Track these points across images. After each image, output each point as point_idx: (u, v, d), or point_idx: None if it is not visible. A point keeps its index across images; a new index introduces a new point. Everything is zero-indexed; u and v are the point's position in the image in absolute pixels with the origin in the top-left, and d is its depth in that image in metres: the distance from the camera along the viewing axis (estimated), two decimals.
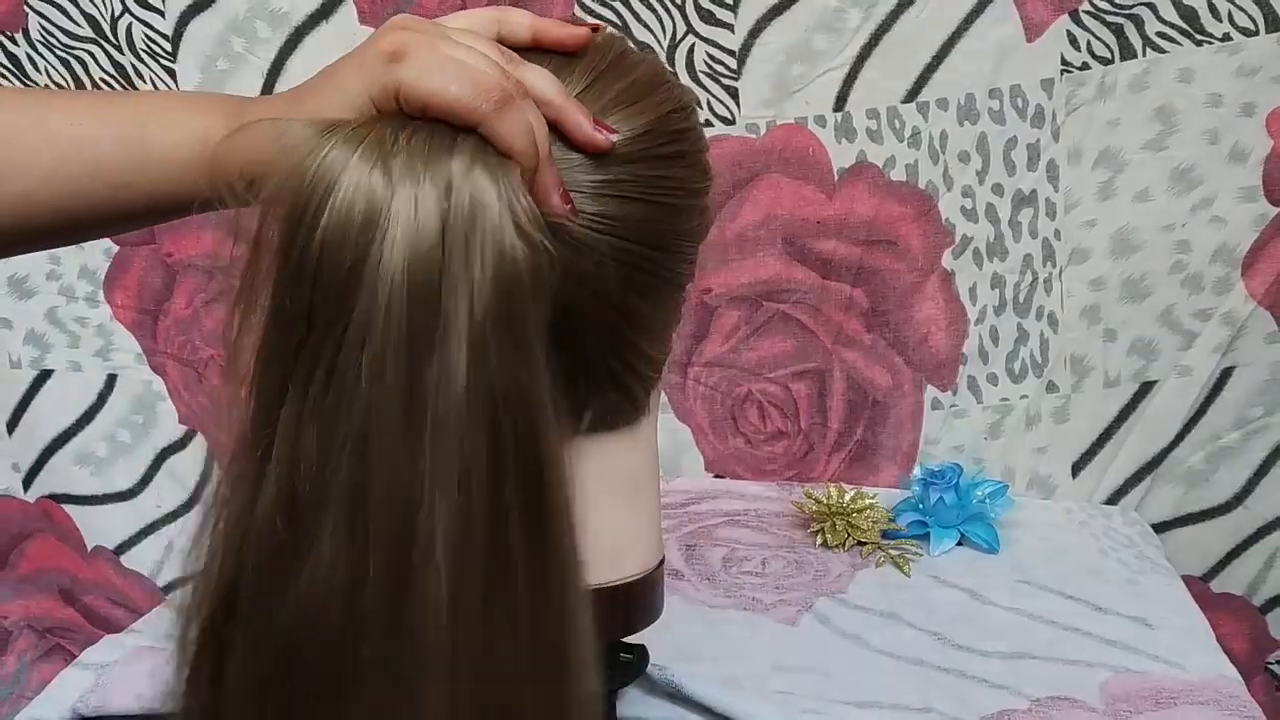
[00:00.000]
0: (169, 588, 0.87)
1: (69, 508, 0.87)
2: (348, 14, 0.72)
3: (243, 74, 0.75)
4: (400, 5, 0.72)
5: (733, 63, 0.71)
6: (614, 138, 0.32)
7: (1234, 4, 0.66)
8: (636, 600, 0.42)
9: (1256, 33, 0.66)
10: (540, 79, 0.31)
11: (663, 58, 0.72)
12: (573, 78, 0.33)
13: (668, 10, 0.70)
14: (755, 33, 0.70)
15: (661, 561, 0.43)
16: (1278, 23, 0.66)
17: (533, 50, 0.33)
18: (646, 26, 0.71)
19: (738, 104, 0.72)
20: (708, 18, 0.70)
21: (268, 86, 0.75)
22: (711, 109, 0.72)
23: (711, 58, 0.71)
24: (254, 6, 0.72)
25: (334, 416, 0.24)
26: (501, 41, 0.32)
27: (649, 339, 0.39)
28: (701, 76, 0.71)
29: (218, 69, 0.75)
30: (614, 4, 0.71)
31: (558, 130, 0.31)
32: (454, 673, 0.24)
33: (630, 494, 0.41)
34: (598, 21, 0.31)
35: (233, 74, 0.75)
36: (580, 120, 0.31)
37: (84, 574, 0.89)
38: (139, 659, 0.57)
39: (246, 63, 0.74)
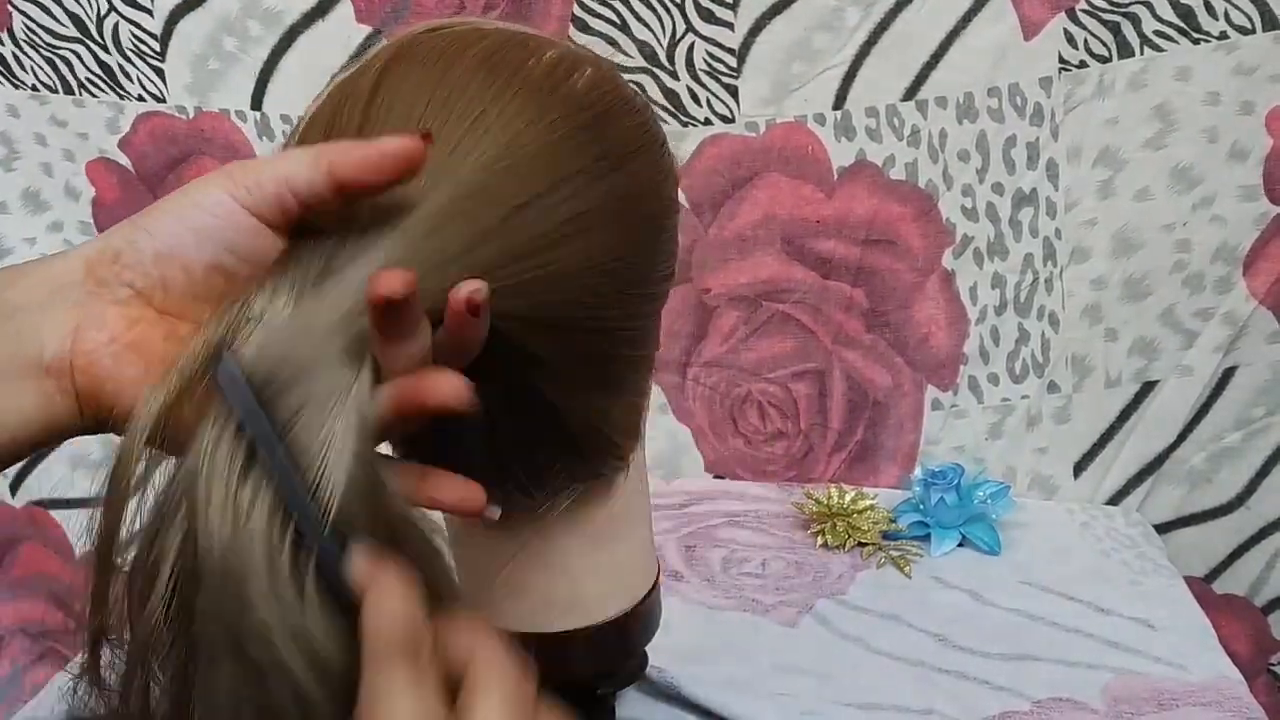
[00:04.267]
0: None
1: (62, 512, 0.86)
2: (344, 12, 0.72)
3: (235, 75, 0.74)
4: (398, 4, 0.72)
5: (733, 61, 0.71)
6: (416, 136, 0.26)
7: (1230, 3, 0.65)
8: (635, 626, 0.42)
9: (1253, 31, 0.66)
10: (295, 160, 0.26)
11: (662, 56, 0.71)
12: None
13: (668, 9, 0.70)
14: (755, 31, 0.70)
15: (656, 581, 0.42)
16: (1274, 21, 0.66)
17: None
18: (646, 25, 0.71)
19: (737, 102, 0.72)
20: (708, 16, 0.70)
21: (260, 87, 0.74)
22: (711, 108, 0.72)
23: (712, 56, 0.71)
24: (246, 4, 0.72)
25: None
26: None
27: (623, 420, 0.36)
28: (701, 75, 0.71)
29: (209, 69, 0.74)
30: (614, 3, 0.70)
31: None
32: None
33: (618, 532, 0.40)
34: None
35: (224, 74, 0.74)
36: (363, 155, 0.25)
37: (73, 580, 0.88)
38: None
39: (239, 63, 0.73)
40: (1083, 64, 0.69)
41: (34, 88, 0.76)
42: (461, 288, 0.26)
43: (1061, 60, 0.69)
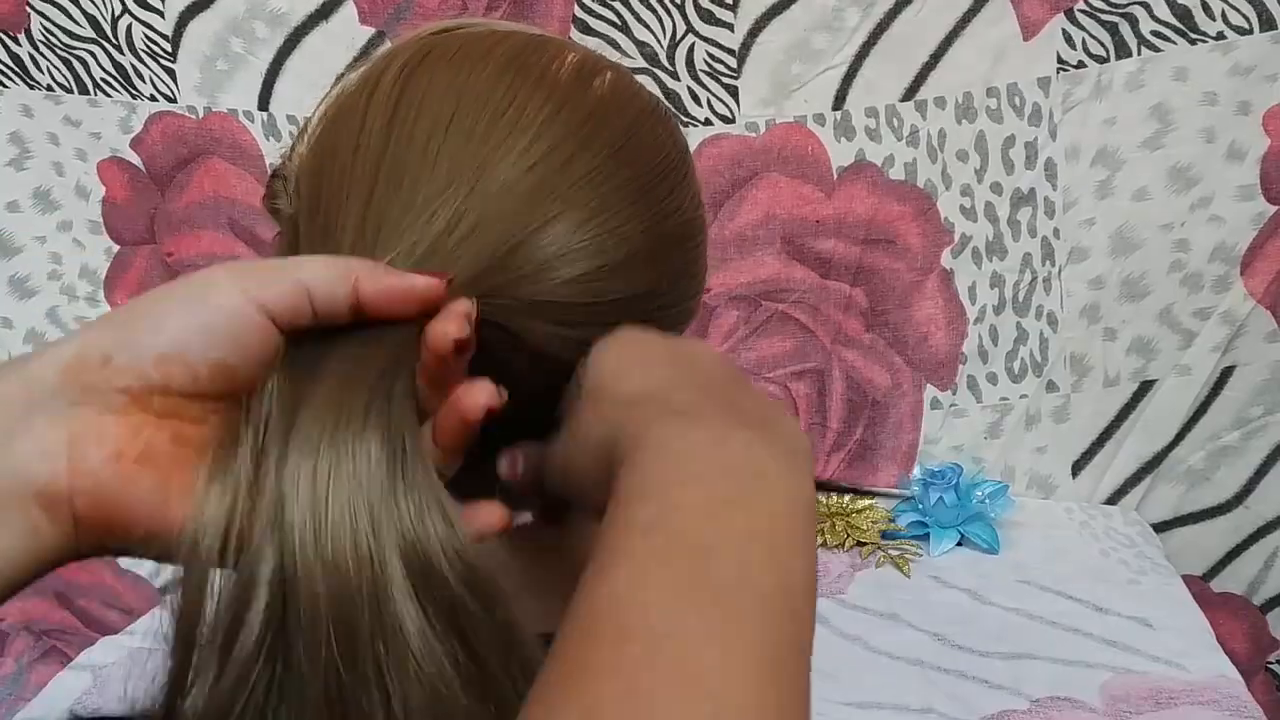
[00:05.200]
0: (166, 589, 0.86)
1: None
2: (348, 14, 0.72)
3: (242, 75, 0.75)
4: (401, 6, 0.72)
5: (733, 62, 0.71)
6: (443, 280, 0.25)
7: (1227, 3, 0.66)
8: None
9: (1250, 31, 0.66)
10: (320, 271, 0.24)
11: (663, 57, 0.72)
12: None
13: (668, 10, 0.70)
14: (755, 32, 0.70)
15: None
16: (1272, 21, 0.66)
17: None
18: (647, 26, 0.71)
19: (737, 103, 0.72)
20: (708, 17, 0.70)
21: (266, 87, 0.75)
22: (711, 108, 0.72)
23: (712, 57, 0.71)
24: (253, 6, 0.72)
25: None
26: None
27: None
28: (702, 75, 0.72)
29: (217, 69, 0.75)
30: (614, 4, 0.71)
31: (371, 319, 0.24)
32: None
33: None
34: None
35: (232, 74, 0.75)
36: (391, 285, 0.24)
37: (79, 577, 0.89)
38: (136, 660, 0.57)
39: (246, 63, 0.74)
40: (1081, 64, 0.69)
41: (49, 88, 0.77)
42: (444, 332, 0.24)
43: (1060, 60, 0.69)
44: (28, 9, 0.75)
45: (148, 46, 0.75)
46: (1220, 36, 0.66)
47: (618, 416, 0.24)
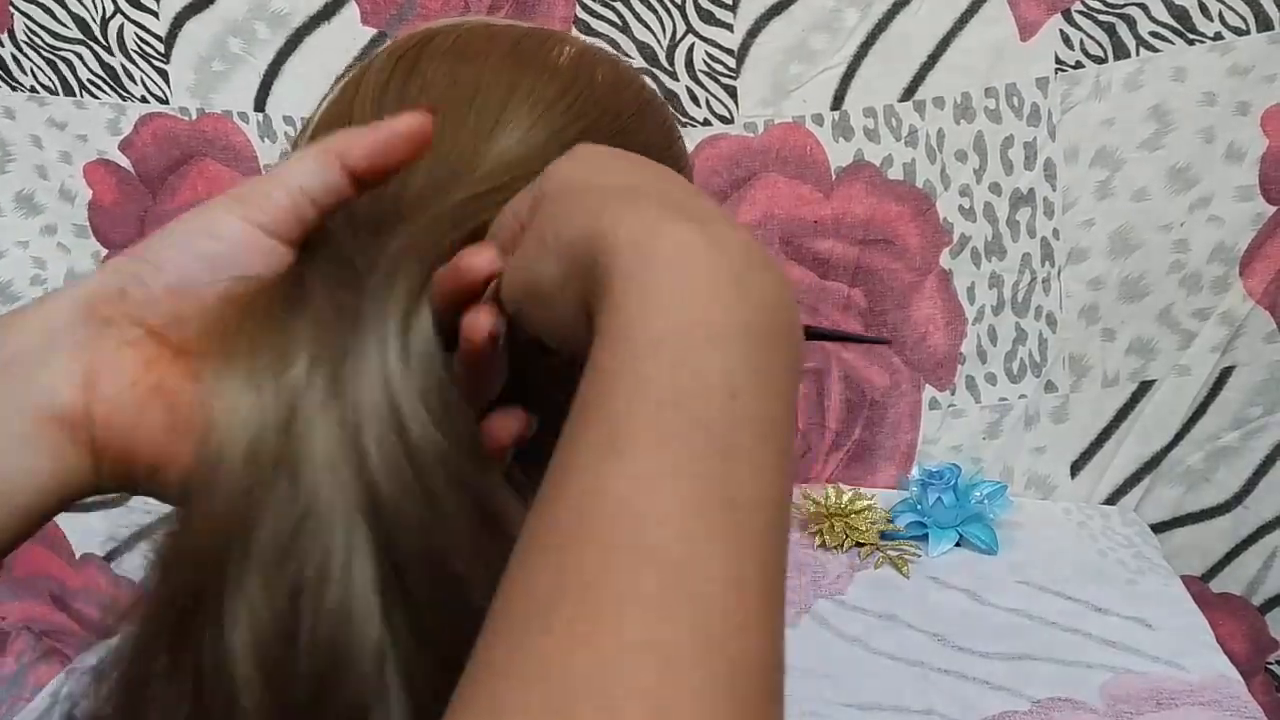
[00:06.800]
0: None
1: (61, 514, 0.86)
2: (350, 15, 0.72)
3: (239, 76, 0.74)
4: (404, 7, 0.72)
5: (732, 62, 0.71)
6: (425, 113, 0.25)
7: (1224, 3, 0.66)
8: None
9: (1248, 32, 0.66)
10: (309, 168, 0.24)
11: (662, 57, 0.72)
12: None
13: (668, 10, 0.70)
14: (754, 32, 0.70)
15: None
16: (1269, 21, 0.66)
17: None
18: (646, 26, 0.71)
19: (736, 103, 0.72)
20: (707, 17, 0.70)
21: (264, 89, 0.74)
22: (710, 108, 0.72)
23: (711, 57, 0.71)
24: (253, 7, 0.72)
25: None
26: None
27: None
28: (701, 76, 0.71)
29: (212, 70, 0.74)
30: (614, 4, 0.70)
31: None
32: None
33: None
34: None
35: (228, 75, 0.74)
36: (375, 141, 0.24)
37: (73, 581, 0.88)
38: None
39: (244, 64, 0.74)
40: (1079, 65, 0.69)
41: (33, 89, 0.76)
42: (480, 321, 0.23)
43: (1058, 61, 0.69)
44: (11, 9, 0.74)
45: (139, 47, 0.74)
46: (1218, 37, 0.67)
47: (594, 205, 0.21)
